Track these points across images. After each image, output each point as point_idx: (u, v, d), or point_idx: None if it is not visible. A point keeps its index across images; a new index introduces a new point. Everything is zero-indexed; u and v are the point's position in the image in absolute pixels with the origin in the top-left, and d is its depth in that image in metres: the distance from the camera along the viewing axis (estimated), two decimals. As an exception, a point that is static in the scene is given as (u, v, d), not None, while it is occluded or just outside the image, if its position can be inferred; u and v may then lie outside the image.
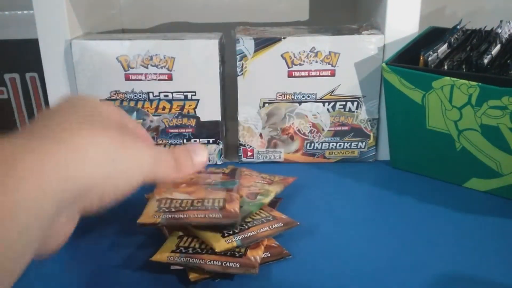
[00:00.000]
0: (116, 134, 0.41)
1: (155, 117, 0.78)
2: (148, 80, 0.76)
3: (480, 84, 0.62)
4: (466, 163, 0.69)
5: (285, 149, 0.81)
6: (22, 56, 1.06)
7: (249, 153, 0.81)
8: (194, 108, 0.78)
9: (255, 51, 0.75)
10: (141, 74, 0.76)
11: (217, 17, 1.01)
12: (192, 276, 0.51)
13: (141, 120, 0.78)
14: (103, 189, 0.39)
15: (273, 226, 0.56)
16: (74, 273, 0.54)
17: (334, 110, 0.78)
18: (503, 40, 0.74)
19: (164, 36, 0.78)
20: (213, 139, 0.80)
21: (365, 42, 0.75)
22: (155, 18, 1.02)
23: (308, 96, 0.77)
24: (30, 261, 0.33)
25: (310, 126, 0.79)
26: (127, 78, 0.76)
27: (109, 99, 0.77)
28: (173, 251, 0.53)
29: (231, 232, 0.54)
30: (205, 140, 0.80)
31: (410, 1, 0.74)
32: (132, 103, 0.77)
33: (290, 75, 0.76)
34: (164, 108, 0.77)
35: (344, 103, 0.78)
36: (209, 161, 0.81)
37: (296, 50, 0.75)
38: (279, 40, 0.74)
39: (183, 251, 0.53)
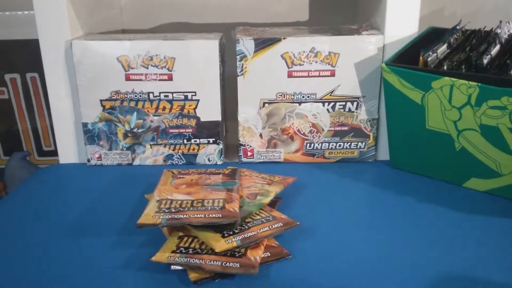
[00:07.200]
0: None
1: (155, 117, 0.78)
2: (148, 80, 0.76)
3: (479, 84, 0.62)
4: (465, 163, 0.69)
5: (285, 149, 0.81)
6: (23, 56, 1.06)
7: (249, 153, 0.81)
8: (194, 108, 0.78)
9: (255, 51, 0.75)
10: (142, 74, 0.76)
11: (217, 17, 1.01)
12: (192, 276, 0.51)
13: (142, 120, 0.78)
14: None
15: (273, 226, 0.56)
16: (74, 273, 0.54)
17: (334, 110, 0.78)
18: (503, 41, 0.74)
19: (164, 36, 0.78)
20: (213, 139, 0.80)
21: (364, 42, 0.75)
22: (155, 18, 1.03)
23: (308, 96, 0.77)
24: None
25: (310, 126, 0.79)
26: (127, 78, 0.76)
27: (110, 99, 0.77)
28: (173, 252, 0.53)
29: (231, 232, 0.54)
30: (205, 140, 0.80)
31: (409, 1, 0.74)
32: (132, 103, 0.77)
33: (290, 75, 0.76)
34: (164, 108, 0.78)
35: (344, 103, 0.78)
36: (209, 161, 0.81)
37: (296, 51, 0.75)
38: (279, 40, 0.75)
39: (183, 251, 0.53)
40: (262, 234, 0.54)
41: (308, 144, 0.81)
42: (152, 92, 0.77)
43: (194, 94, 0.77)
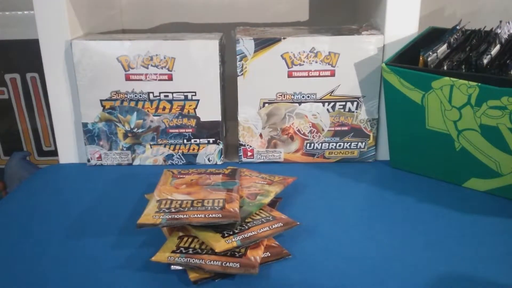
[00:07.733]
0: None
1: (155, 117, 0.78)
2: (148, 80, 0.76)
3: (479, 84, 0.62)
4: (465, 163, 0.69)
5: (285, 149, 0.81)
6: (23, 56, 1.06)
7: (249, 153, 0.81)
8: (194, 108, 0.78)
9: (255, 51, 0.75)
10: (142, 74, 0.76)
11: (217, 17, 1.01)
12: (192, 276, 0.51)
13: (142, 120, 0.78)
14: None
15: (273, 226, 0.56)
16: (74, 273, 0.54)
17: (334, 110, 0.78)
18: (503, 41, 0.74)
19: (164, 36, 0.78)
20: (213, 139, 0.80)
21: (364, 42, 0.75)
22: (155, 19, 1.03)
23: (308, 96, 0.77)
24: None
25: (310, 126, 0.79)
26: (127, 78, 0.76)
27: (110, 99, 0.77)
28: (173, 252, 0.53)
29: (231, 232, 0.54)
30: (205, 140, 0.80)
31: (410, 1, 0.74)
32: (132, 103, 0.77)
33: (290, 75, 0.76)
34: (164, 108, 0.78)
35: (344, 103, 0.78)
36: (209, 161, 0.81)
37: (296, 51, 0.75)
38: (279, 40, 0.75)
39: (183, 251, 0.53)
40: (262, 234, 0.54)
41: (308, 144, 0.81)
42: (152, 92, 0.77)
43: (194, 94, 0.77)
